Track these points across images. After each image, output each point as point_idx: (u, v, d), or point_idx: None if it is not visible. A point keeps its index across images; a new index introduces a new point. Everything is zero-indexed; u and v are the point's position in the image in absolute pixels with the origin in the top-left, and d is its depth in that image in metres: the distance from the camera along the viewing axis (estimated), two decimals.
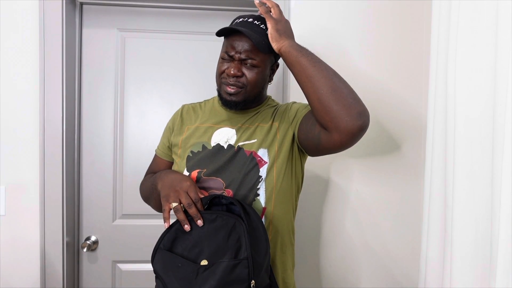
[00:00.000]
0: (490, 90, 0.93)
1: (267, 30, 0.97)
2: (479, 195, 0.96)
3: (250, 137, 1.02)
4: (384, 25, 1.50)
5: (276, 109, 1.08)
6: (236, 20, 1.02)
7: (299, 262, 1.49)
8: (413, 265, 1.51)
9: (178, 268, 0.84)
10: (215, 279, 0.80)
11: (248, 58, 0.97)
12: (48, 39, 1.38)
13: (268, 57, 1.01)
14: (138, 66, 1.53)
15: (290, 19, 1.47)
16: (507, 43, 0.86)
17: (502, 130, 0.86)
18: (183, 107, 1.15)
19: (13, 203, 1.40)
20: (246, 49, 0.96)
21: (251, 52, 0.96)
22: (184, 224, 0.86)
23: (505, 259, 0.84)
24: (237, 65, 0.97)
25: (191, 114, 1.11)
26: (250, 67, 0.98)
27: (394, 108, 1.51)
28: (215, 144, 1.02)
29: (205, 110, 1.11)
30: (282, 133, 1.02)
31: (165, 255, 0.86)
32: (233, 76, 0.97)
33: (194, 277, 0.82)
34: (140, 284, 1.55)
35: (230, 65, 0.98)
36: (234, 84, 0.98)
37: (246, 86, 0.99)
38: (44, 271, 1.40)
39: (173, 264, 0.85)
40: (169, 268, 0.85)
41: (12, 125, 1.39)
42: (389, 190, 1.52)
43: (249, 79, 0.98)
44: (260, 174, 0.98)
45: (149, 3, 1.50)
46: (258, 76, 0.99)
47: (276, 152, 1.00)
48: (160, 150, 1.16)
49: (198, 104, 1.15)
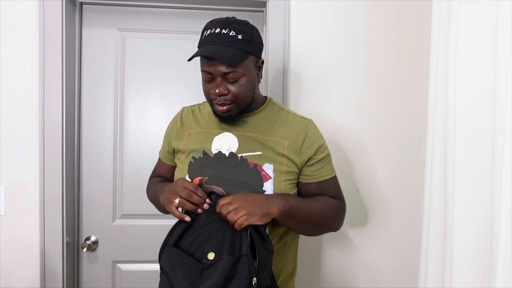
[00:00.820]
0: (490, 90, 0.93)
1: (239, 35, 0.92)
2: (479, 195, 0.96)
3: (254, 149, 0.99)
4: (384, 25, 1.50)
5: (281, 119, 1.05)
6: (205, 33, 0.95)
7: (299, 263, 1.50)
8: (413, 265, 1.51)
9: (185, 265, 0.86)
10: (218, 275, 0.81)
11: (228, 73, 0.92)
12: (48, 39, 1.38)
13: (249, 60, 0.95)
14: (138, 66, 1.53)
15: (290, 19, 1.47)
16: (507, 43, 0.86)
17: (502, 130, 0.86)
18: (182, 110, 1.14)
19: (13, 203, 1.40)
20: (224, 66, 0.91)
21: (229, 67, 0.91)
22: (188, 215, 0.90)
23: (505, 259, 0.84)
24: (220, 83, 0.93)
25: (190, 118, 1.10)
26: (233, 81, 0.93)
27: (394, 108, 1.51)
28: (216, 152, 1.00)
29: (204, 114, 1.09)
30: (291, 156, 1.00)
31: (172, 252, 0.88)
32: (219, 95, 0.94)
33: (199, 274, 0.84)
34: (140, 284, 1.55)
35: (213, 85, 0.95)
36: (223, 103, 0.95)
37: (235, 101, 0.95)
38: (44, 271, 1.40)
39: (180, 261, 0.87)
40: (175, 265, 0.86)
41: (12, 125, 1.39)
42: (389, 190, 1.52)
43: (235, 93, 0.94)
44: (264, 188, 0.96)
45: (149, 3, 1.50)
46: (244, 86, 0.95)
47: (284, 168, 0.99)
48: (162, 154, 1.18)
49: (197, 107, 1.13)
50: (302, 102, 1.48)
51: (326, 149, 1.07)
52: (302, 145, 1.01)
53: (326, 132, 1.48)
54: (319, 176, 1.03)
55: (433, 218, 1.10)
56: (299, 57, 1.48)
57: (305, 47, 1.48)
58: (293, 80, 1.48)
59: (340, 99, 1.50)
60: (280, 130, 1.02)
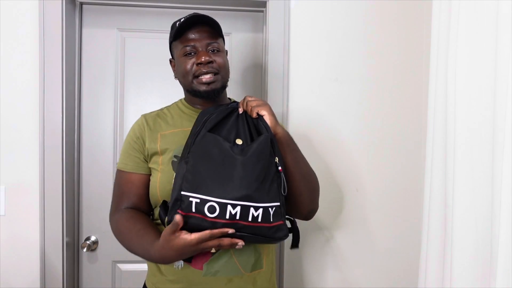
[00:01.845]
0: (490, 90, 0.93)
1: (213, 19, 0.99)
2: (479, 195, 0.96)
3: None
4: (384, 25, 1.50)
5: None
6: (178, 22, 1.00)
7: (299, 262, 1.50)
8: (413, 265, 1.51)
9: (222, 144, 0.88)
10: (256, 146, 0.88)
11: (211, 43, 0.98)
12: (48, 39, 1.38)
13: (223, 42, 1.05)
14: (138, 66, 1.53)
15: (290, 19, 1.47)
16: (507, 43, 0.86)
17: (502, 130, 0.86)
18: (144, 117, 1.07)
19: (13, 203, 1.40)
20: (206, 36, 0.98)
21: (212, 38, 0.99)
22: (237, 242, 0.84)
23: (505, 259, 0.84)
24: (205, 53, 0.97)
25: (159, 121, 1.05)
26: (216, 52, 0.99)
27: (394, 108, 1.51)
28: None
29: (173, 115, 1.07)
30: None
31: (208, 136, 0.89)
32: (206, 62, 0.96)
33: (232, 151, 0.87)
34: (140, 284, 1.54)
35: (197, 56, 0.97)
36: (208, 72, 0.97)
37: (220, 71, 0.99)
38: (44, 271, 1.40)
39: (216, 141, 0.88)
40: (214, 145, 0.88)
41: (12, 125, 1.39)
42: (389, 190, 1.52)
43: (219, 63, 0.99)
44: None
45: (149, 3, 1.50)
46: (224, 59, 1.01)
47: None
48: (131, 165, 1.03)
49: (160, 111, 1.09)
50: (302, 102, 1.48)
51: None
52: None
53: (326, 132, 1.49)
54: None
55: (433, 218, 1.10)
56: (299, 57, 1.48)
57: (305, 47, 1.48)
58: (293, 80, 1.48)
59: (340, 99, 1.50)
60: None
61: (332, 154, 1.50)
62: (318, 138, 1.49)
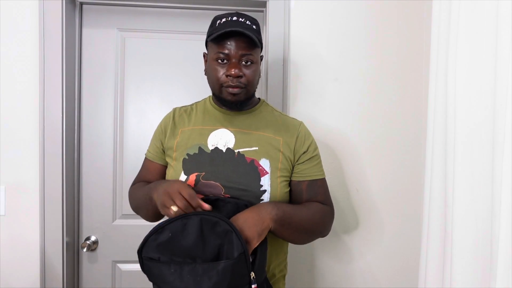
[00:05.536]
0: (491, 90, 0.93)
1: (253, 25, 0.99)
2: (479, 195, 0.95)
3: (251, 144, 1.01)
4: (384, 25, 1.50)
5: (275, 119, 1.08)
6: (219, 21, 0.98)
7: (298, 262, 1.50)
8: (413, 265, 1.51)
9: (172, 273, 0.81)
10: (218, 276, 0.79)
11: (245, 55, 0.96)
12: (48, 39, 1.38)
13: (259, 51, 1.02)
14: (138, 66, 1.53)
15: (290, 19, 1.47)
16: (507, 43, 0.86)
17: (502, 130, 0.86)
18: (174, 111, 1.12)
19: (13, 203, 1.40)
20: (243, 47, 0.96)
21: (248, 49, 0.96)
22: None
23: (505, 259, 0.84)
24: (236, 65, 0.96)
25: (184, 117, 1.09)
26: (248, 65, 0.98)
27: (394, 108, 1.51)
28: (213, 147, 1.01)
29: (198, 112, 1.10)
30: (286, 152, 1.03)
31: (153, 267, 0.82)
32: (235, 76, 0.95)
33: (194, 276, 0.80)
34: (140, 284, 1.55)
35: (229, 67, 0.96)
36: (236, 86, 0.97)
37: (247, 86, 0.98)
38: (44, 271, 1.40)
39: (166, 271, 0.81)
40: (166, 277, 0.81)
41: (12, 125, 1.39)
42: (389, 190, 1.52)
43: (248, 77, 0.98)
44: (261, 183, 0.98)
45: (149, 3, 1.50)
46: (255, 72, 1.00)
47: (280, 165, 1.01)
48: (152, 153, 1.11)
49: (189, 107, 1.13)
50: (302, 102, 1.48)
51: (316, 149, 1.09)
52: (296, 142, 1.05)
53: (326, 132, 1.49)
54: (310, 175, 1.05)
55: (433, 218, 1.10)
56: (299, 57, 1.48)
57: (305, 47, 1.48)
58: (293, 80, 1.48)
59: (340, 99, 1.50)
60: (274, 128, 1.06)
61: (332, 154, 1.50)
62: (318, 138, 1.48)
